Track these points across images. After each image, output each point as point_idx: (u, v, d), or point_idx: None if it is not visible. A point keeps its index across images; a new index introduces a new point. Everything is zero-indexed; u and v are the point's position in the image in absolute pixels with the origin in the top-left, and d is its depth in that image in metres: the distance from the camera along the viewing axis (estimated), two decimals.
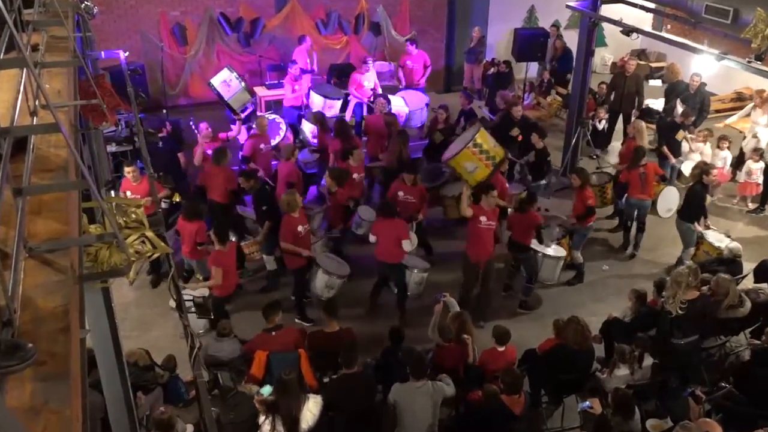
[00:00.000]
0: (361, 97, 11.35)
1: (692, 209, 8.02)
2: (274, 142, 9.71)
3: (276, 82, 12.35)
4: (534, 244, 7.51)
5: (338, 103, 10.74)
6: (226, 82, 9.15)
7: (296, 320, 7.34)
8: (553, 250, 7.82)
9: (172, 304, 6.14)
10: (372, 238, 7.26)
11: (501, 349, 5.96)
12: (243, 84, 8.46)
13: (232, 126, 10.17)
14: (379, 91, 11.66)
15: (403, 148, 8.84)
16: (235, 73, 8.36)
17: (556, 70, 13.14)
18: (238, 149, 9.83)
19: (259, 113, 10.66)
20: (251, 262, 8.00)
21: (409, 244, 7.15)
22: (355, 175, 8.34)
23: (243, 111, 10.11)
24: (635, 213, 8.65)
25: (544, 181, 9.31)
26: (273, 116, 10.30)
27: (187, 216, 7.35)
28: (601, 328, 6.66)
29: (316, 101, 10.58)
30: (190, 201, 7.59)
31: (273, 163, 9.21)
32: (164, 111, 12.42)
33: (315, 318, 7.31)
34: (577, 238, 8.18)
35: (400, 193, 7.99)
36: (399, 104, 11.01)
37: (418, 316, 7.29)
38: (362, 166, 8.59)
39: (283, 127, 10.23)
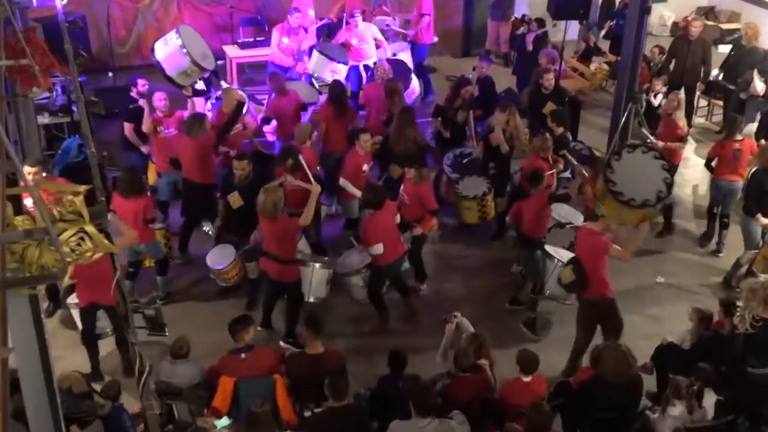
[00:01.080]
0: (357, 59, 11.35)
1: (756, 200, 8.09)
2: None
3: (251, 39, 12.38)
4: (550, 246, 7.63)
5: (343, 69, 10.77)
6: (170, 50, 8.64)
7: (281, 343, 7.34)
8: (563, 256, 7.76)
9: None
10: (379, 248, 7.39)
11: (527, 379, 5.98)
12: (186, 51, 8.09)
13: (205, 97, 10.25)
14: (388, 52, 11.66)
15: (411, 130, 8.84)
16: (180, 40, 8.10)
17: (613, 31, 13.06)
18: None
19: (225, 83, 10.71)
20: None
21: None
22: (365, 167, 8.36)
23: (208, 85, 10.18)
24: (722, 198, 8.76)
25: (567, 174, 9.33)
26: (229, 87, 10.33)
27: (124, 192, 7.37)
28: (652, 355, 6.67)
29: (316, 63, 10.58)
30: (126, 172, 7.59)
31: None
32: (110, 73, 12.45)
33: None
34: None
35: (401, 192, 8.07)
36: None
37: (425, 337, 7.33)
38: (371, 153, 8.56)
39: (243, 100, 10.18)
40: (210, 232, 8.75)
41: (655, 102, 10.89)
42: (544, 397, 5.92)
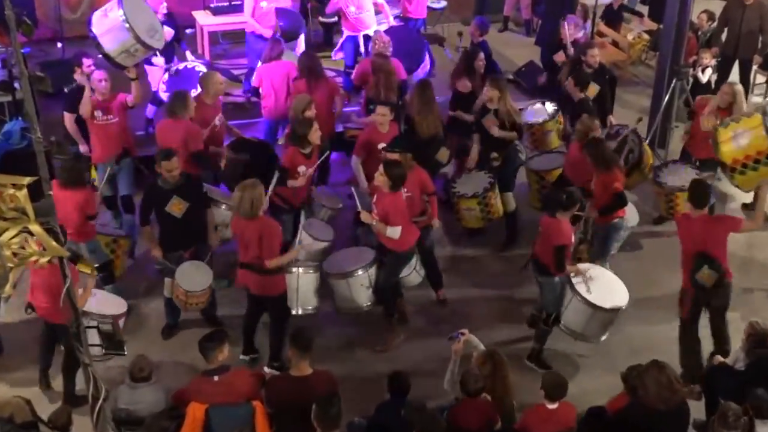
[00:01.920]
0: (355, 29, 11.35)
1: None
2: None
3: (226, 4, 12.34)
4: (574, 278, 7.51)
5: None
6: (109, 24, 8.25)
7: (266, 368, 7.34)
8: (593, 293, 7.54)
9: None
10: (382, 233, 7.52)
11: (552, 406, 5.97)
12: (129, 26, 7.87)
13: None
14: (390, 18, 11.67)
15: (436, 108, 8.87)
16: (121, 11, 7.90)
17: None
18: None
19: (190, 56, 10.70)
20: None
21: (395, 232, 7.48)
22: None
23: (169, 55, 10.12)
24: None
25: None
26: (194, 63, 10.53)
27: (62, 182, 7.39)
28: (701, 377, 6.69)
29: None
30: (68, 160, 7.61)
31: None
32: (59, 44, 12.42)
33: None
34: (600, 242, 8.24)
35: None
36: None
37: (429, 362, 7.36)
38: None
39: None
40: None
41: (704, 78, 10.91)
42: (573, 427, 5.93)
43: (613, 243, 8.29)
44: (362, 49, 11.39)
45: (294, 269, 7.66)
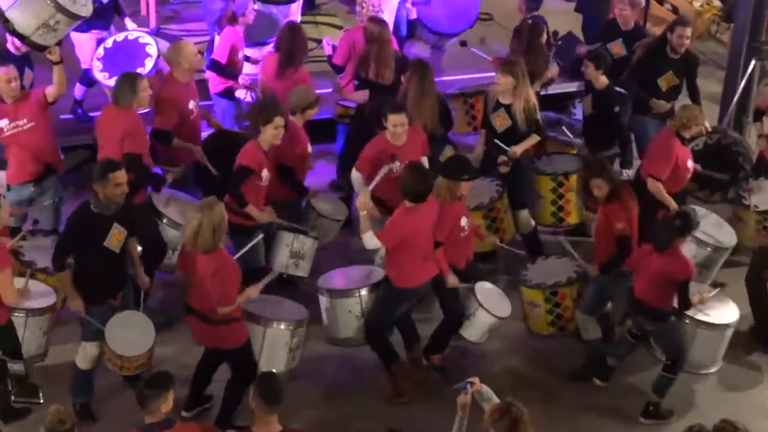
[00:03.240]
0: None
1: None
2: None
3: None
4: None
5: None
6: None
7: None
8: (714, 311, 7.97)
9: None
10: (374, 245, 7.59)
11: None
12: None
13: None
14: None
15: (422, 99, 8.90)
16: None
17: None
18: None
19: (130, 23, 10.60)
20: None
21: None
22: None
23: (107, 21, 10.07)
24: None
25: (614, 150, 9.50)
26: (137, 33, 10.39)
27: None
28: None
29: None
30: None
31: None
32: None
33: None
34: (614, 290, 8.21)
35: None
36: None
37: (434, 413, 7.40)
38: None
39: (153, 50, 10.13)
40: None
41: None
42: None
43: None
44: None
45: (264, 321, 7.58)
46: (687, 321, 7.92)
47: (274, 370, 7.30)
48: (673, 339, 7.76)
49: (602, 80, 9.22)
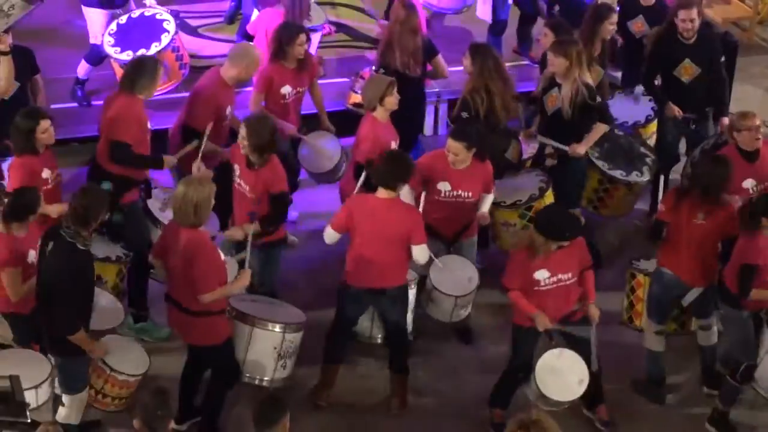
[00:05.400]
0: None
1: None
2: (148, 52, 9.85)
3: None
4: None
5: None
6: None
7: None
8: None
9: None
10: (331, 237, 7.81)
11: None
12: None
13: None
14: None
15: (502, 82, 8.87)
16: None
17: None
18: None
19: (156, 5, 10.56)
20: None
21: (424, 252, 7.70)
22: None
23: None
24: None
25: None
26: (156, 10, 10.47)
27: None
28: None
29: None
30: None
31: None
32: None
33: None
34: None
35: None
36: None
37: None
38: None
39: (171, 26, 10.26)
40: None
41: None
42: None
43: None
44: None
45: (251, 320, 7.53)
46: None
47: (265, 384, 7.63)
48: (739, 334, 7.78)
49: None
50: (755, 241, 7.46)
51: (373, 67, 9.67)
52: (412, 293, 8.14)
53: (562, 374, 7.43)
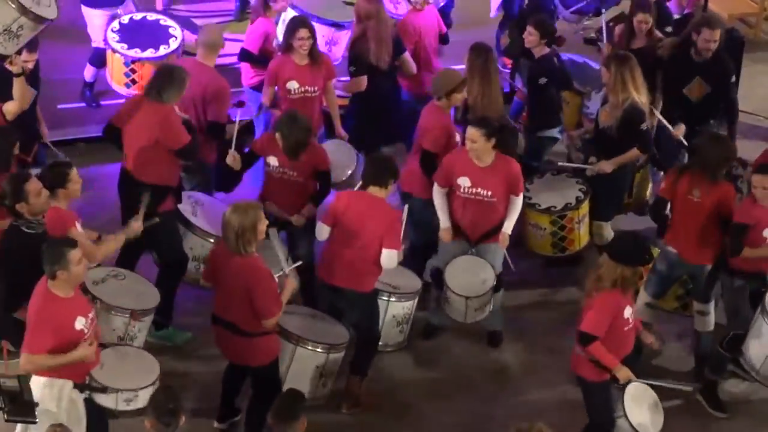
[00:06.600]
0: None
1: None
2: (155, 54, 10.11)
3: None
4: None
5: None
6: None
7: None
8: None
9: None
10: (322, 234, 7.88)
11: None
12: None
13: None
14: None
15: (488, 83, 8.82)
16: None
17: None
18: None
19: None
20: None
21: (393, 259, 7.73)
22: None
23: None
24: None
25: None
26: (157, 16, 10.73)
27: None
28: None
29: None
30: None
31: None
32: None
33: None
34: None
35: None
36: None
37: None
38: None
39: (177, 32, 10.45)
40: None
41: None
42: None
43: None
44: None
45: (295, 339, 7.57)
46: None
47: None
48: (734, 302, 7.90)
49: (543, 50, 9.30)
50: (747, 201, 7.75)
51: (352, 67, 9.64)
52: (383, 304, 8.14)
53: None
